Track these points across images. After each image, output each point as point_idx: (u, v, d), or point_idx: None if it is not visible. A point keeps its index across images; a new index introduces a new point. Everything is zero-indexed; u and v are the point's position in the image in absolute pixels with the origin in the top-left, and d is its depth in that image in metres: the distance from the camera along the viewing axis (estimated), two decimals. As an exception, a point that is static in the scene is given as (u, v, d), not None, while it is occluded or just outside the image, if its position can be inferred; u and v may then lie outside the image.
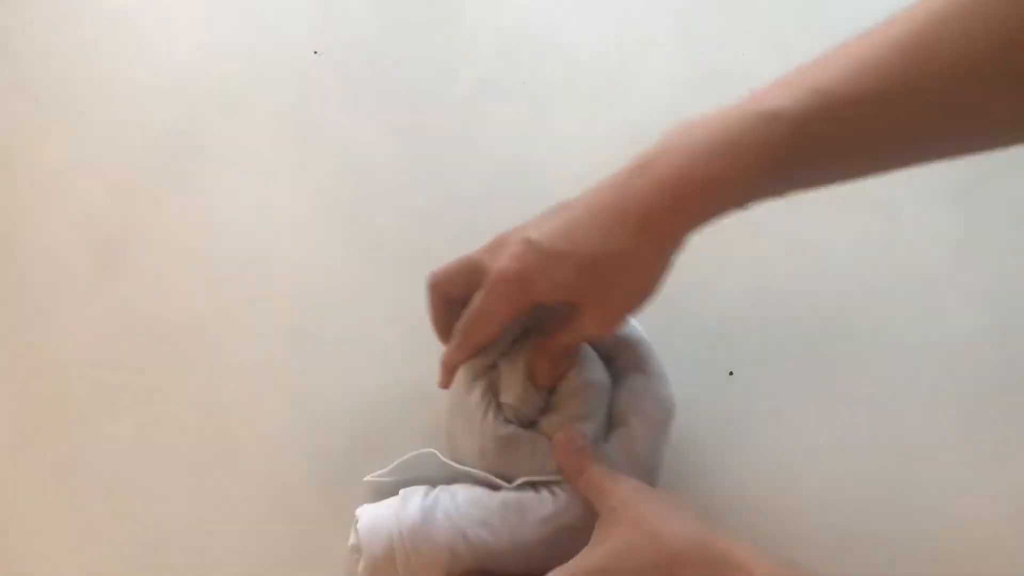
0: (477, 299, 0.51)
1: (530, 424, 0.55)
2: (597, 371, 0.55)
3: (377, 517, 0.52)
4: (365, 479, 0.55)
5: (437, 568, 0.51)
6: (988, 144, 0.46)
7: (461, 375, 0.56)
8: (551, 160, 0.69)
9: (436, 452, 0.55)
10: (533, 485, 0.53)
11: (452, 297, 0.53)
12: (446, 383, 0.56)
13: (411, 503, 0.52)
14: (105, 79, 0.71)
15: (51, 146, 0.68)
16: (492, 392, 0.55)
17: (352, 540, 0.52)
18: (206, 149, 0.69)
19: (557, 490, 0.53)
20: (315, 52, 0.72)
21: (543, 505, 0.52)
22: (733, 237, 0.68)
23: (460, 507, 0.52)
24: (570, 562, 0.48)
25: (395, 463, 0.55)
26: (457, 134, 0.70)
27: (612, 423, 0.56)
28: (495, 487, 0.53)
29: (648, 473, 0.55)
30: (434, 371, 0.55)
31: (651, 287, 0.50)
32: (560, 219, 0.49)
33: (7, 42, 0.72)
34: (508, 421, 0.54)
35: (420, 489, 0.54)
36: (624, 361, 0.57)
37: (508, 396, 0.54)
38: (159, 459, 0.59)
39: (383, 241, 0.65)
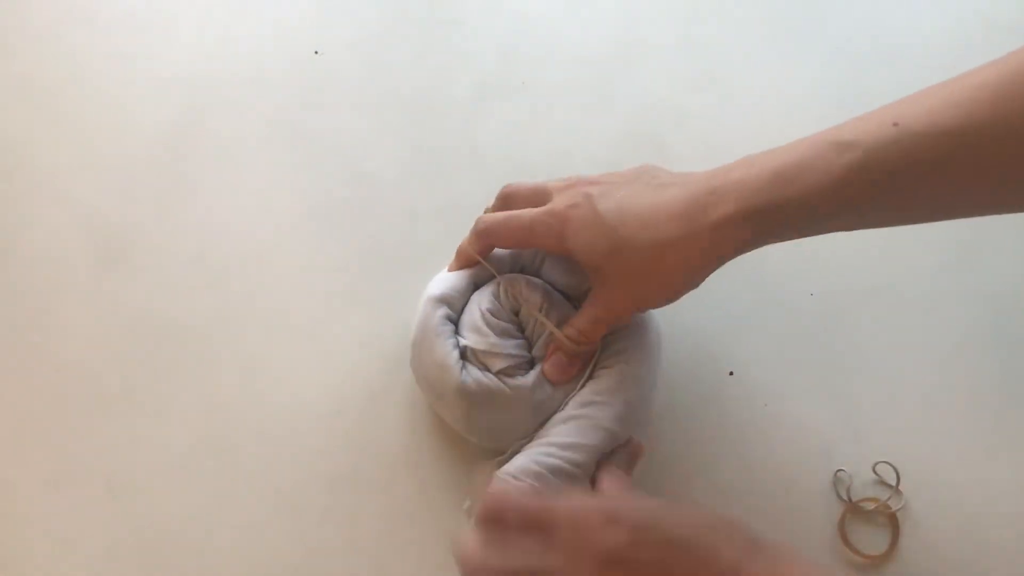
0: (523, 212, 0.54)
1: None
2: (566, 309, 0.57)
3: None
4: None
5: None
6: None
7: (424, 326, 0.57)
8: (551, 160, 0.69)
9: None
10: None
11: (515, 207, 0.56)
12: (455, 267, 0.58)
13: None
14: (105, 79, 0.71)
15: (51, 146, 0.68)
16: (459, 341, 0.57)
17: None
18: (206, 149, 0.69)
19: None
20: (315, 52, 0.72)
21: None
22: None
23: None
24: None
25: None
26: (457, 134, 0.70)
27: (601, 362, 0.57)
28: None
29: (649, 391, 0.57)
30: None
31: (676, 291, 0.51)
32: (629, 194, 0.50)
33: (7, 42, 0.72)
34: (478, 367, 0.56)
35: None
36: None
37: (470, 339, 0.56)
38: (159, 458, 0.59)
39: (383, 241, 0.66)
